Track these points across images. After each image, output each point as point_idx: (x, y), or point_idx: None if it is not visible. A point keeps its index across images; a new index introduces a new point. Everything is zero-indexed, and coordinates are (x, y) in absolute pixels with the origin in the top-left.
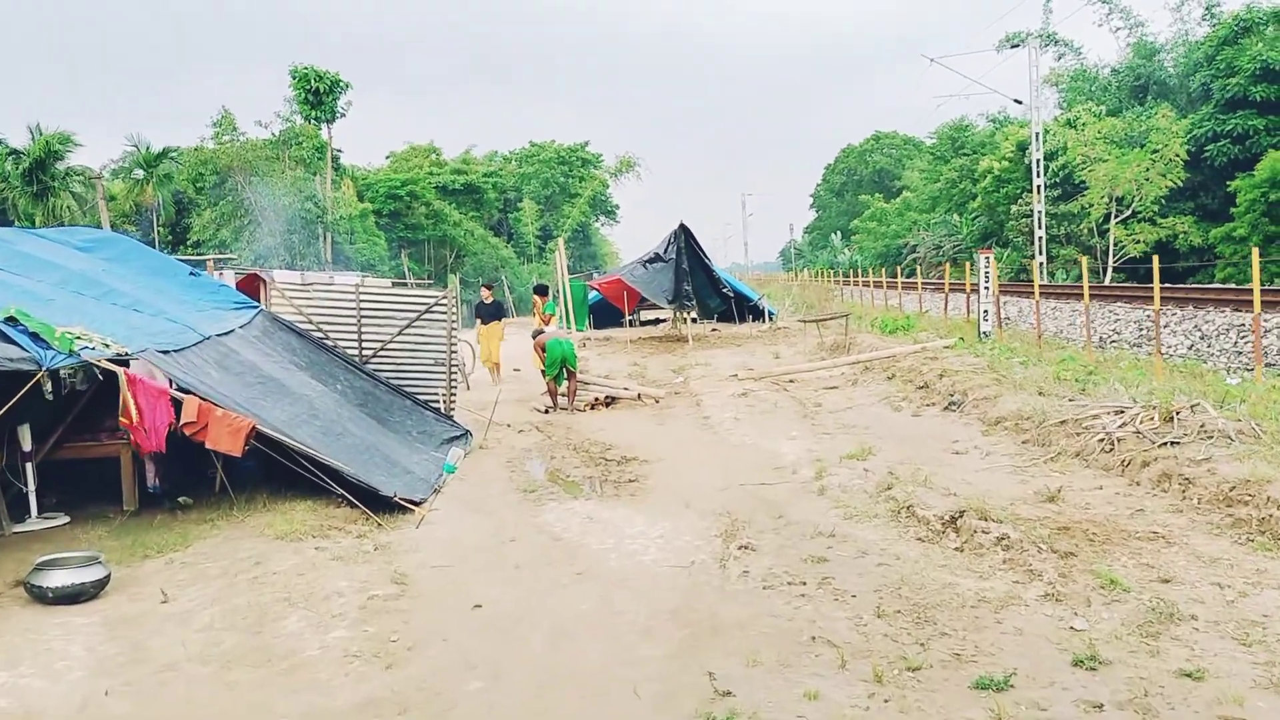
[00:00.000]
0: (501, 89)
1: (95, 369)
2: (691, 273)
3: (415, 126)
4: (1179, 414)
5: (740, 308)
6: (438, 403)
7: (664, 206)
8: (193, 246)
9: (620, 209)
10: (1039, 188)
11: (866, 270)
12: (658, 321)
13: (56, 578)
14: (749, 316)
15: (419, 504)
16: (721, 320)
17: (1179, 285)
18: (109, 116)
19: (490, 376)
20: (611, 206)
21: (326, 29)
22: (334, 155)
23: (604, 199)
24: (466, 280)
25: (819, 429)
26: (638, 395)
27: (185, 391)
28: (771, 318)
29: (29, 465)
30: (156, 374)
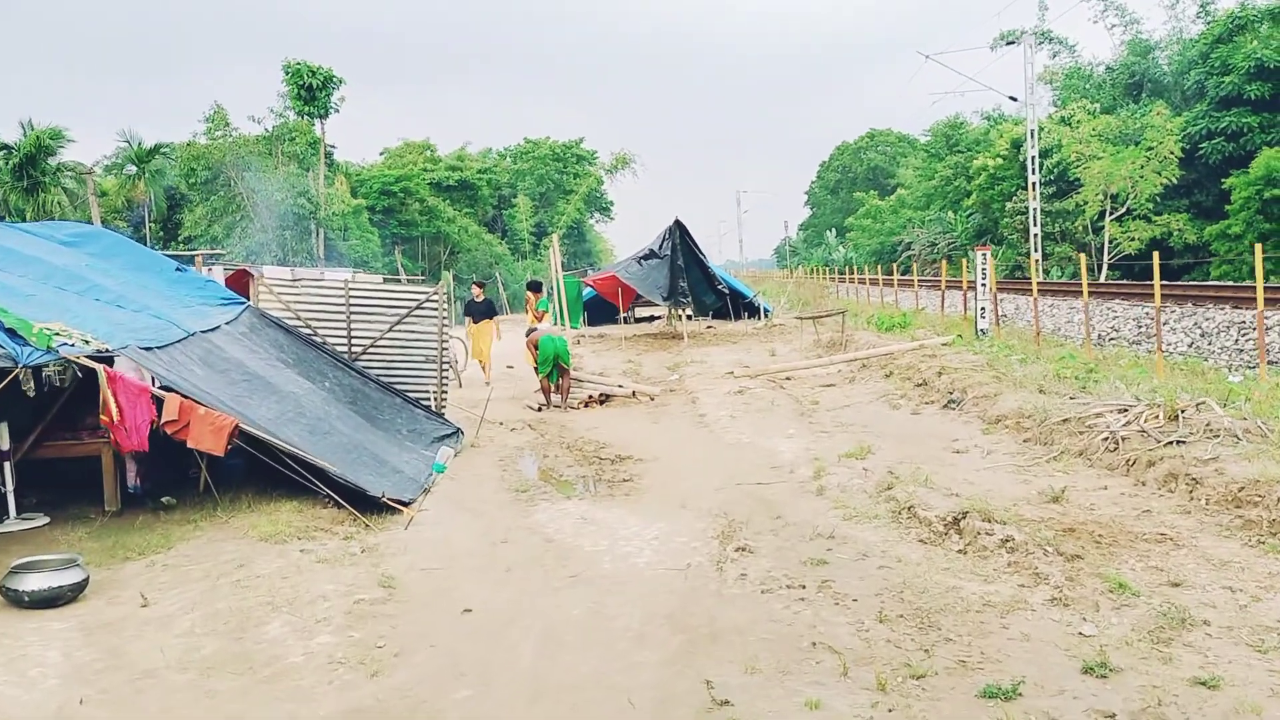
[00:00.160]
0: (498, 86)
1: (76, 366)
2: (687, 269)
3: (411, 124)
4: (1184, 412)
5: (736, 305)
6: (428, 400)
7: (659, 203)
8: (184, 242)
9: (615, 205)
10: (1034, 185)
11: (861, 267)
12: (652, 318)
13: (33, 581)
14: (744, 313)
15: (408, 504)
16: (717, 317)
17: (1177, 282)
18: (101, 112)
19: (482, 374)
20: (606, 203)
21: (323, 25)
22: (327, 151)
23: (599, 196)
24: (461, 277)
25: (816, 427)
26: (632, 393)
27: (167, 389)
28: (767, 315)
29: (7, 464)
30: (141, 371)
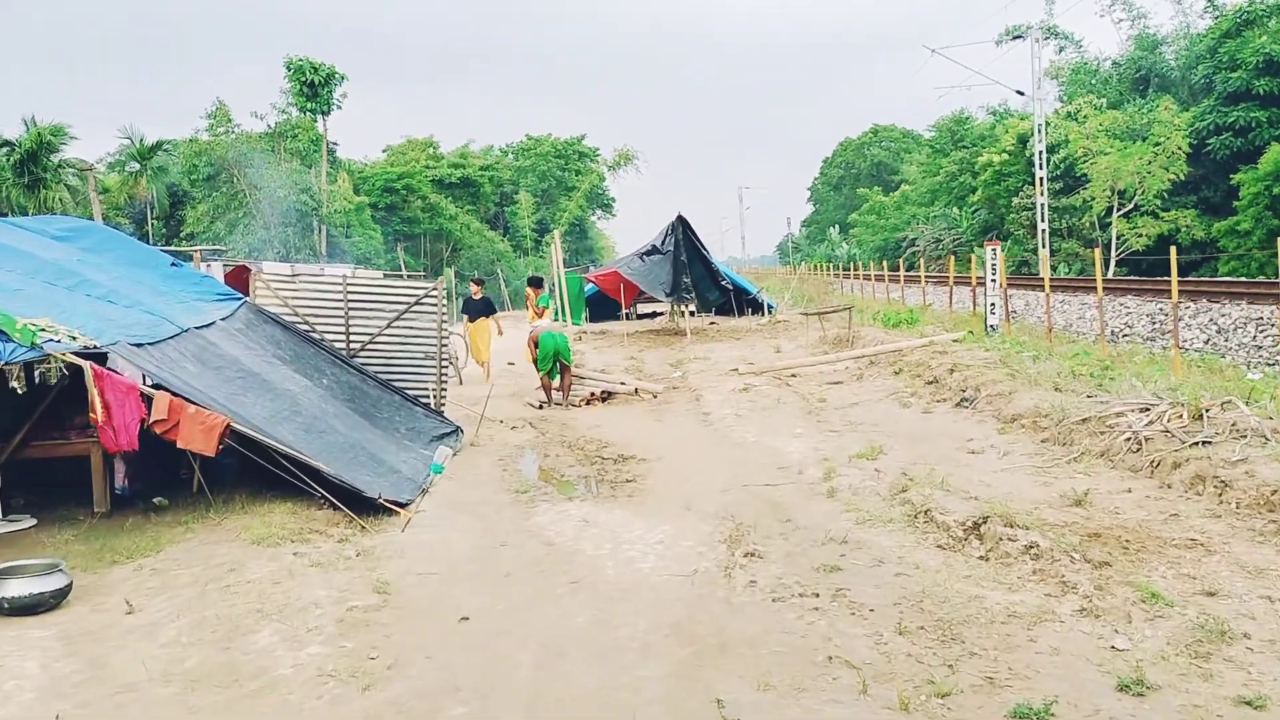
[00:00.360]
0: (499, 86)
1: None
2: (690, 265)
3: (413, 123)
4: (1209, 411)
5: (739, 301)
6: (428, 398)
7: (661, 200)
8: (187, 239)
9: (617, 202)
10: (1041, 180)
11: (865, 264)
12: (655, 315)
13: (13, 587)
14: (748, 310)
15: (405, 506)
16: (720, 313)
17: (1190, 278)
18: (103, 110)
19: (481, 372)
20: (608, 200)
21: (323, 25)
22: (330, 148)
23: (600, 192)
24: (462, 274)
25: (825, 426)
26: (635, 390)
27: (158, 387)
28: (771, 311)
29: None
30: (129, 368)
